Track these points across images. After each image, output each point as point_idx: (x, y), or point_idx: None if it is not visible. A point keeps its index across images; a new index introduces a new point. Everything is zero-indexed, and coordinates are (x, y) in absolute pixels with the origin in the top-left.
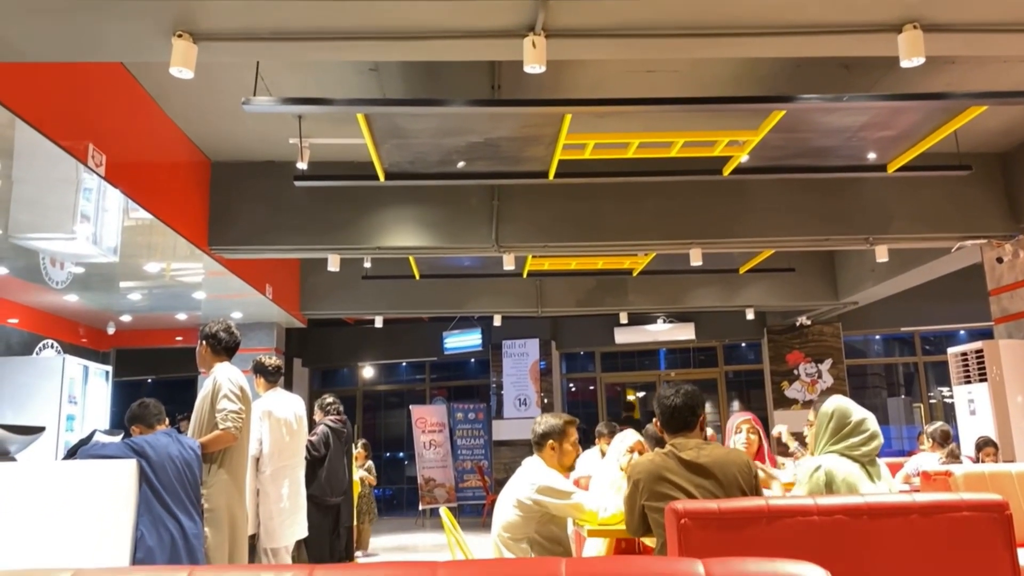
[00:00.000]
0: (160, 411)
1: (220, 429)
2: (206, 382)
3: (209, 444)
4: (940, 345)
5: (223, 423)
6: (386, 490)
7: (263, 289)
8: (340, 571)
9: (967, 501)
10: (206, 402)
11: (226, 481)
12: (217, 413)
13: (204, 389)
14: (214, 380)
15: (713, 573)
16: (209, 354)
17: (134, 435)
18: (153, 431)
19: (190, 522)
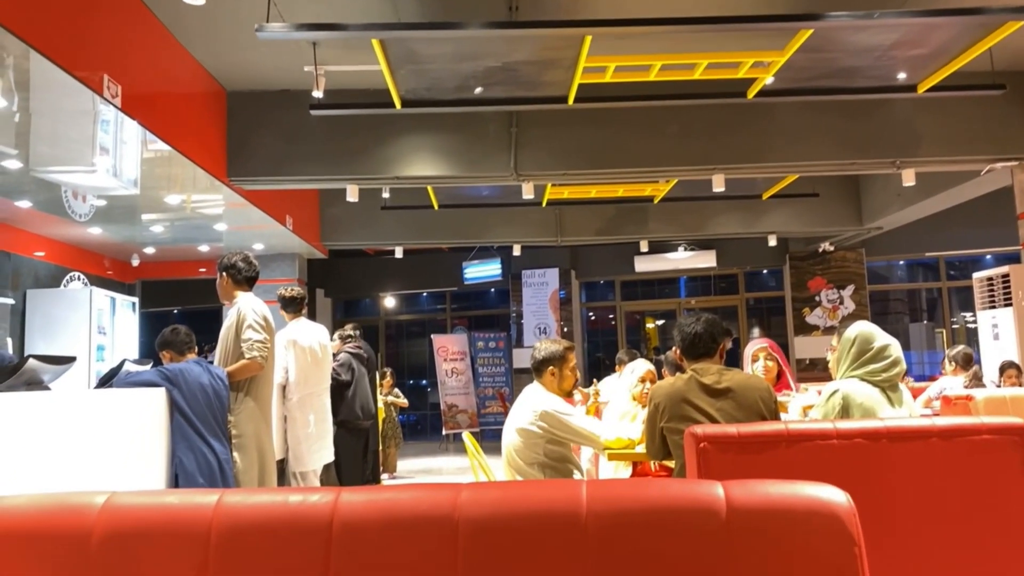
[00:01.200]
0: (191, 339)
1: (246, 359)
2: (230, 313)
3: (235, 373)
4: (965, 270)
5: (249, 352)
6: (410, 416)
7: (283, 220)
8: (367, 493)
9: (987, 424)
10: (231, 332)
11: (253, 408)
12: (242, 343)
13: (228, 320)
14: (238, 311)
15: (733, 495)
16: (230, 285)
17: (164, 361)
18: (183, 359)
19: (222, 448)
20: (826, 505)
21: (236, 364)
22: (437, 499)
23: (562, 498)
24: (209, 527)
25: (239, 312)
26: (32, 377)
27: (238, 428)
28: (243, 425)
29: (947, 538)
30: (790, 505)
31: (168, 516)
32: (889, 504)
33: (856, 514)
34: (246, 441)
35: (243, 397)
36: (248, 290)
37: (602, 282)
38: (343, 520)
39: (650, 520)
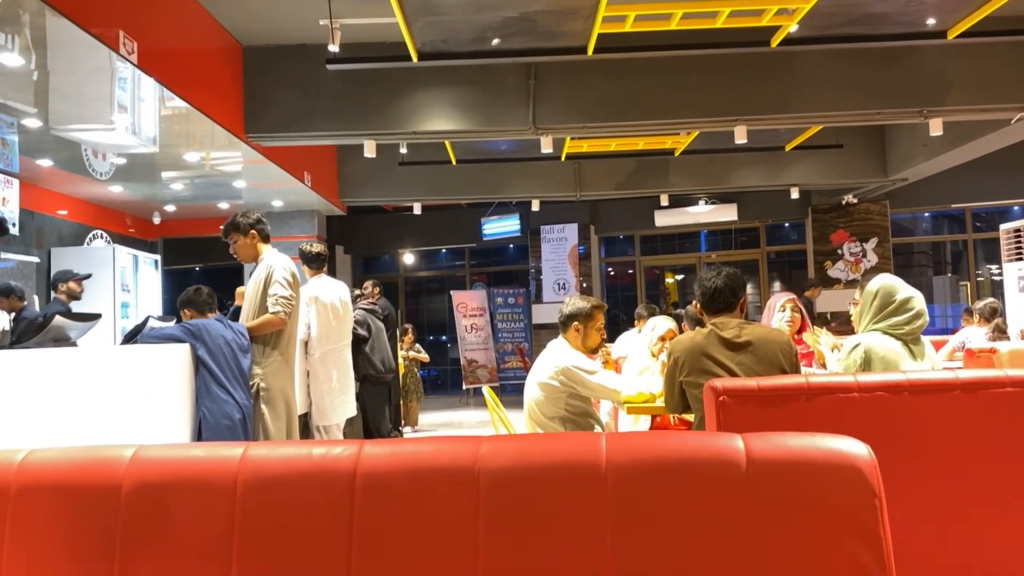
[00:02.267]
0: (212, 299)
1: (269, 313)
2: (258, 268)
3: (258, 328)
4: (992, 222)
5: (273, 307)
6: (431, 371)
7: (302, 177)
8: (389, 446)
9: (1011, 377)
10: (259, 288)
11: (279, 363)
12: (268, 298)
13: (256, 275)
14: (268, 266)
15: (753, 448)
16: (258, 241)
17: (185, 319)
18: (204, 318)
19: (245, 400)
20: (846, 457)
21: (258, 319)
22: (458, 451)
23: (582, 450)
24: (235, 479)
25: (269, 267)
26: (59, 334)
27: (266, 381)
28: (271, 379)
29: (969, 491)
30: (810, 457)
31: (195, 468)
32: (910, 457)
33: (877, 466)
34: (274, 394)
35: (270, 351)
36: (270, 246)
37: (621, 237)
38: (366, 472)
39: (670, 472)
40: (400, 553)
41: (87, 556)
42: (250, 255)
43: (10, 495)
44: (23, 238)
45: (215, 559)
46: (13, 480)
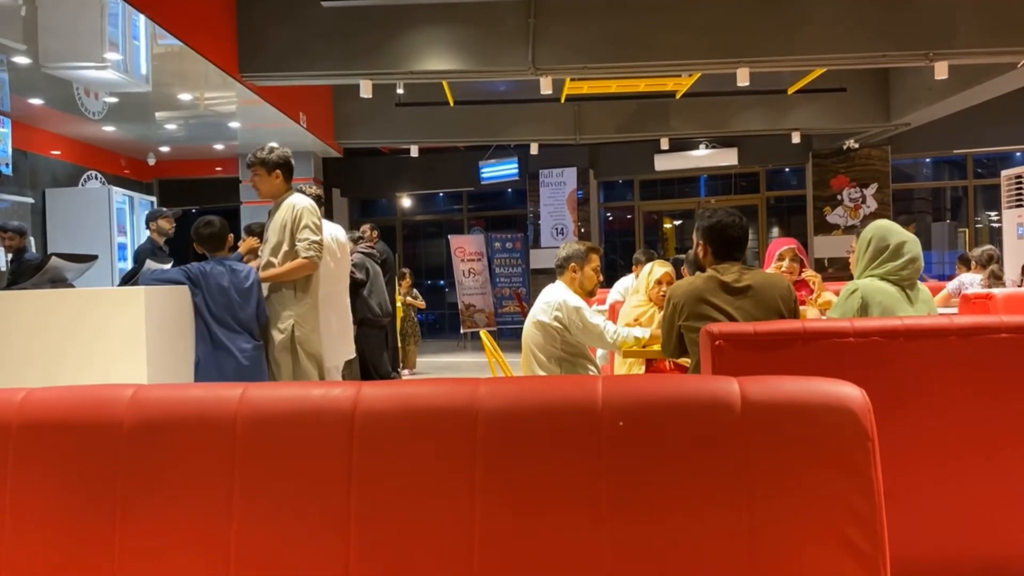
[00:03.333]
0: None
1: (302, 257)
2: (281, 210)
3: (291, 273)
4: (993, 168)
5: (305, 252)
6: (429, 315)
7: (297, 118)
8: (387, 387)
9: (1006, 323)
10: (286, 230)
11: (311, 306)
12: (299, 242)
13: (282, 216)
14: (293, 207)
15: (748, 391)
16: (282, 181)
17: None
18: (220, 254)
19: (249, 346)
20: (841, 401)
21: (291, 264)
22: (456, 393)
23: (578, 392)
24: (235, 419)
25: (296, 208)
26: (56, 275)
27: (300, 326)
28: (305, 322)
29: (961, 435)
30: (805, 400)
31: (195, 407)
32: (905, 401)
33: (871, 410)
34: (309, 337)
35: (302, 295)
36: (293, 188)
37: (621, 182)
38: (364, 413)
39: (665, 414)
40: (398, 493)
41: (90, 492)
42: (269, 191)
43: (11, 433)
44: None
45: (216, 497)
46: (14, 418)
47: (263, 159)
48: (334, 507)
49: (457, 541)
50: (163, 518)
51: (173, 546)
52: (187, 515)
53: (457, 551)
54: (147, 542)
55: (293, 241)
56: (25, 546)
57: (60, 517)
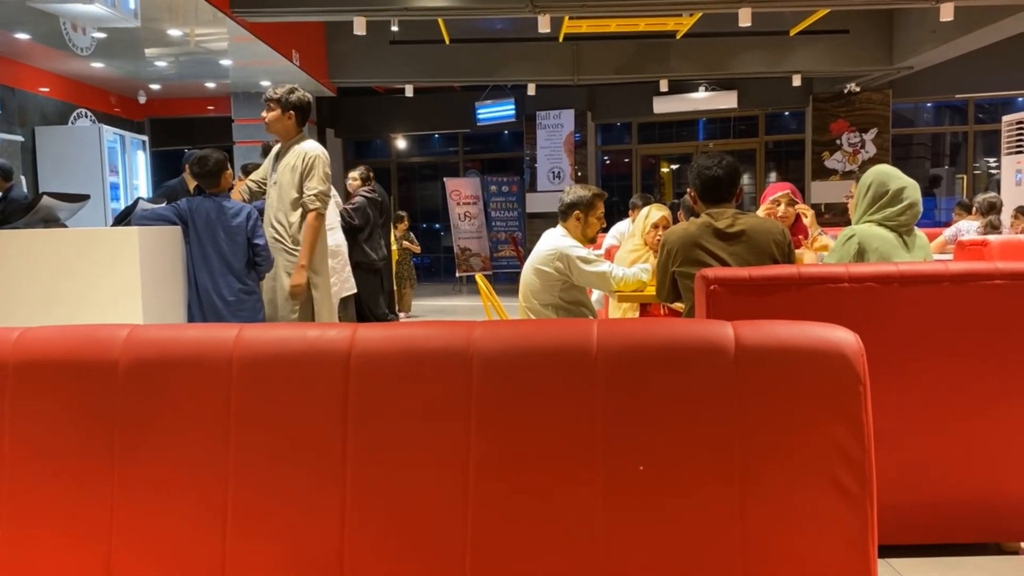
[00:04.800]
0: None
1: (311, 209)
2: (292, 154)
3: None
4: (995, 113)
5: (312, 204)
6: (424, 259)
7: (290, 56)
8: (383, 329)
9: (1000, 270)
10: (296, 175)
11: (323, 253)
12: (308, 191)
13: (291, 162)
14: (305, 153)
15: (742, 335)
16: (295, 125)
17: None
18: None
19: (241, 286)
20: (834, 345)
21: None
22: (452, 335)
23: (573, 335)
24: (230, 359)
25: (307, 155)
26: (48, 214)
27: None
28: (317, 264)
29: (956, 380)
30: (798, 344)
31: (190, 347)
32: (899, 346)
33: (864, 354)
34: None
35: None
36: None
37: (619, 124)
38: (360, 354)
39: (659, 358)
40: (394, 433)
41: (87, 431)
42: (280, 131)
43: (8, 371)
44: (5, 116)
45: (213, 437)
46: (10, 356)
47: (280, 98)
48: (330, 448)
49: (452, 483)
50: (160, 457)
51: (170, 484)
52: (183, 454)
53: (453, 493)
54: (144, 480)
55: (302, 189)
56: (23, 482)
57: (58, 454)
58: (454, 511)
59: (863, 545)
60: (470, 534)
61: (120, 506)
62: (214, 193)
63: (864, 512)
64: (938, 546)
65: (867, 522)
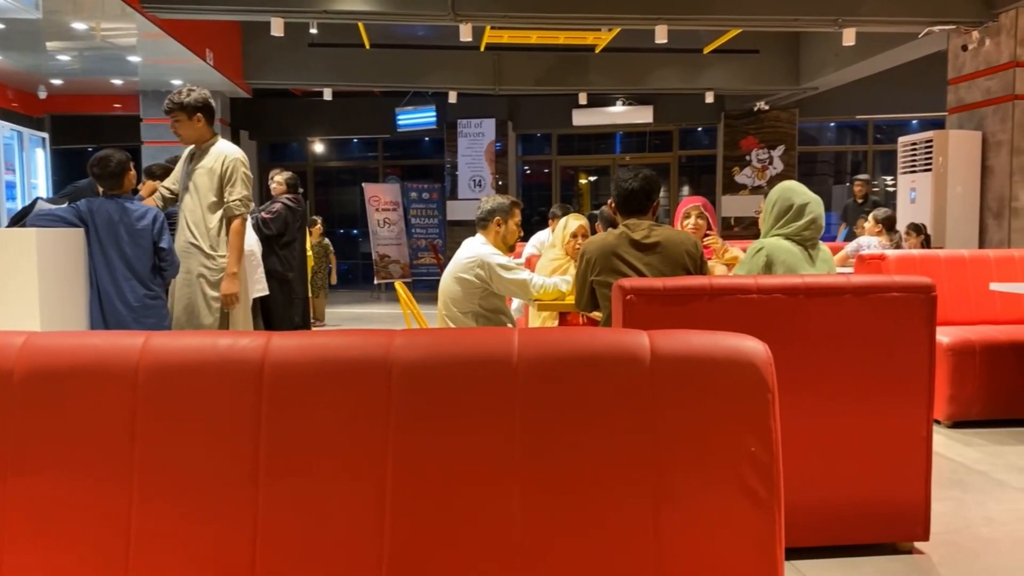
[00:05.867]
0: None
1: (236, 215)
2: (210, 157)
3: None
4: (892, 134)
5: (237, 209)
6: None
7: (203, 55)
8: (298, 338)
9: (897, 283)
10: (214, 179)
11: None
12: (232, 196)
13: (209, 165)
14: (224, 158)
15: (657, 344)
16: (205, 126)
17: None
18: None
19: (146, 291)
20: (744, 354)
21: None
22: (370, 344)
23: (494, 344)
24: (136, 368)
25: (227, 159)
26: None
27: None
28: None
29: (856, 387)
30: (710, 353)
31: (92, 356)
32: (803, 355)
33: (772, 363)
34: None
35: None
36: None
37: (539, 135)
38: (274, 364)
39: (578, 367)
40: (310, 445)
41: None
42: (194, 137)
43: None
44: None
45: (115, 450)
46: None
47: (182, 103)
48: (242, 460)
49: (370, 495)
50: (57, 472)
51: (69, 499)
52: (83, 469)
53: (370, 505)
54: (39, 497)
55: (221, 192)
56: None
57: None
58: (371, 523)
59: (771, 548)
60: (387, 545)
61: (10, 527)
62: (116, 194)
63: (772, 516)
64: (839, 547)
65: (775, 526)
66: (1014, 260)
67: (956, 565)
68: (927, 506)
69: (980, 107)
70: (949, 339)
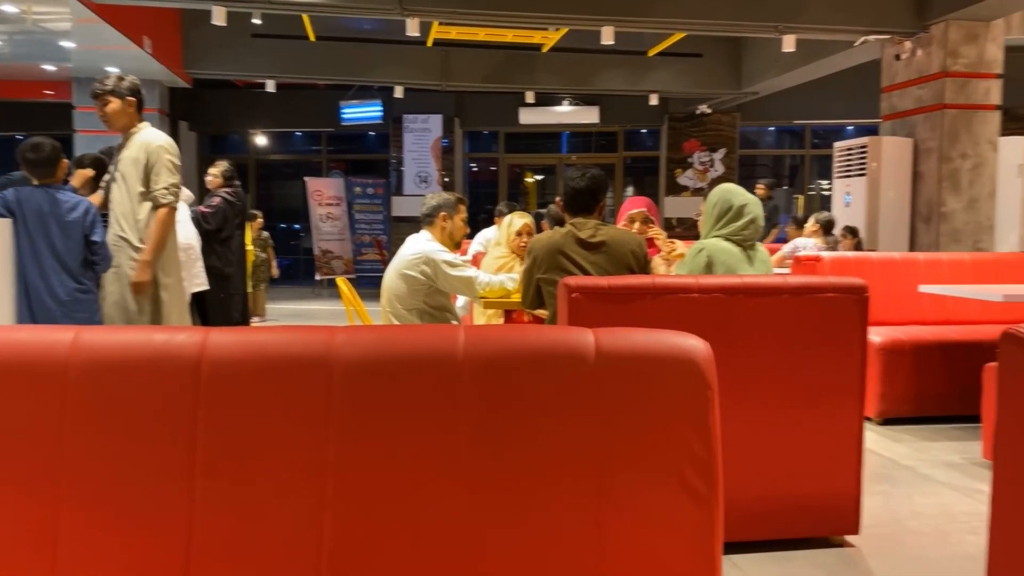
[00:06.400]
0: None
1: (162, 204)
2: (134, 146)
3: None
4: (828, 139)
5: (164, 198)
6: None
7: (140, 42)
8: (237, 334)
9: (832, 283)
10: (139, 167)
11: (174, 252)
12: (156, 187)
13: (134, 154)
14: (148, 145)
15: (602, 342)
16: (135, 111)
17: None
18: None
19: (77, 285)
20: (686, 352)
21: (157, 226)
22: (312, 341)
23: (440, 341)
24: (66, 365)
25: (151, 146)
26: None
27: (164, 272)
28: (168, 267)
29: (792, 384)
30: (653, 352)
31: (18, 351)
32: (742, 353)
33: (713, 361)
34: (173, 284)
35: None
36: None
37: (486, 132)
38: (212, 360)
39: (524, 364)
40: (248, 444)
41: None
42: (123, 123)
43: None
44: None
45: (43, 449)
46: None
47: (113, 89)
48: (177, 459)
49: (310, 494)
50: None
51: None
52: (8, 469)
53: (310, 505)
54: None
55: (147, 182)
56: None
57: None
58: (311, 524)
59: (710, 543)
60: (327, 547)
61: None
62: (47, 184)
63: (712, 512)
64: (774, 541)
65: (714, 521)
66: (942, 263)
67: (884, 557)
68: (858, 501)
69: (912, 115)
70: (880, 339)
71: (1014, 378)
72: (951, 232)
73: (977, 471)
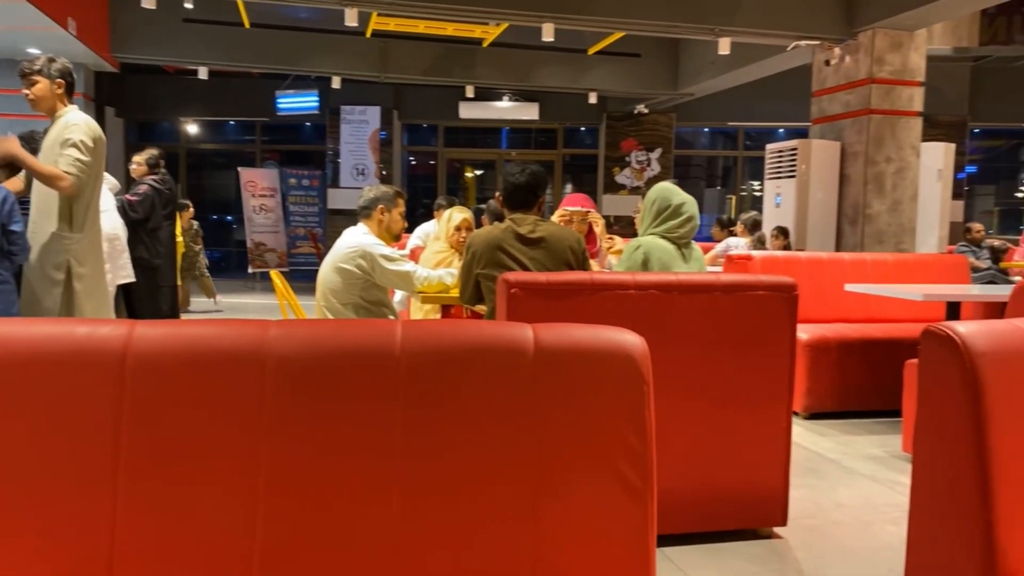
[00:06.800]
0: None
1: (62, 170)
2: (57, 126)
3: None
4: (760, 141)
5: (66, 166)
6: (213, 252)
7: (64, 23)
8: (165, 327)
9: (763, 282)
10: (55, 147)
11: (91, 240)
12: (60, 157)
13: (56, 135)
14: (66, 123)
15: (541, 337)
16: (63, 94)
17: None
18: None
19: None
20: (622, 347)
21: (47, 167)
22: (244, 335)
23: (376, 336)
24: None
25: (69, 125)
26: None
27: (80, 263)
28: (85, 259)
29: (723, 379)
30: (591, 347)
31: None
32: (675, 348)
33: (648, 356)
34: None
35: (79, 226)
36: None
37: (425, 126)
38: (138, 354)
39: (463, 358)
40: (175, 441)
41: None
42: (49, 106)
43: None
44: None
45: None
46: None
47: (42, 68)
48: (100, 457)
49: (241, 494)
50: None
51: None
52: None
53: (241, 505)
54: None
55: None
56: None
57: None
58: (241, 526)
59: (644, 536)
60: (258, 550)
61: None
62: None
63: (646, 505)
64: (704, 533)
65: (648, 514)
66: (866, 263)
67: (810, 548)
68: (786, 493)
69: (840, 119)
70: (807, 336)
71: (934, 374)
72: (875, 233)
73: (898, 464)
